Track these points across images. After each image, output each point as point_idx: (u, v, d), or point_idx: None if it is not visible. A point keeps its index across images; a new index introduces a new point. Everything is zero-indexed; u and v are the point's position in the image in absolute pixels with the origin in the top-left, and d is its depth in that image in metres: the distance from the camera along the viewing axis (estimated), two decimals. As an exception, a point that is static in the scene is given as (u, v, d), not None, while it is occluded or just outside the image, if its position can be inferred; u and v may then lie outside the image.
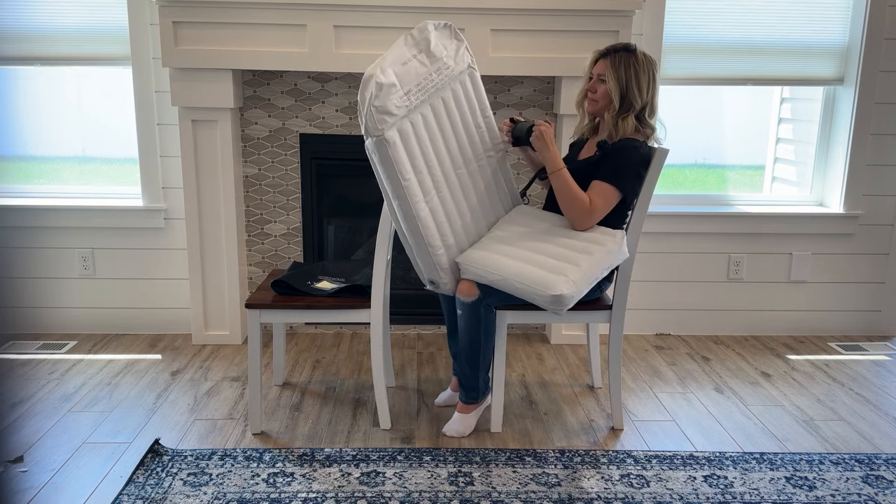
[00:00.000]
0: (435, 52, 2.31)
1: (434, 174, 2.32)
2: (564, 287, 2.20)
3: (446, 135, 2.37)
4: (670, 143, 2.57)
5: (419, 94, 2.25)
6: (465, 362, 2.46)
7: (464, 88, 2.43)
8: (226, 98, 3.08)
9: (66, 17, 3.16)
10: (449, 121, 2.38)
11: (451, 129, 2.39)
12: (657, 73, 2.42)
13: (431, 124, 2.32)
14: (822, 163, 3.55)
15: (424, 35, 2.30)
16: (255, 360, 2.46)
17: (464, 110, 2.43)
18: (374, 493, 2.16)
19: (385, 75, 2.14)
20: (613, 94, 2.39)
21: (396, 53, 2.22)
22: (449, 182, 2.37)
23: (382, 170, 2.22)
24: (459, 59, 2.40)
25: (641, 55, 2.39)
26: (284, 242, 3.43)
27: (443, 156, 2.36)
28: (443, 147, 2.36)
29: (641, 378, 3.06)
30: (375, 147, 2.18)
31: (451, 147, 2.39)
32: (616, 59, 2.38)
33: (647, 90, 2.39)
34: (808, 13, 3.32)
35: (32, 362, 3.10)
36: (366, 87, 2.12)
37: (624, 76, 2.37)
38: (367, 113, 2.13)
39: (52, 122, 3.42)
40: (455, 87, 2.39)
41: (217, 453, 2.37)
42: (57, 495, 2.15)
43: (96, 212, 3.34)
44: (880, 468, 2.36)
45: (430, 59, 2.29)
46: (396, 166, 2.19)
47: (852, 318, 3.61)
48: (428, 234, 2.31)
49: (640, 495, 2.18)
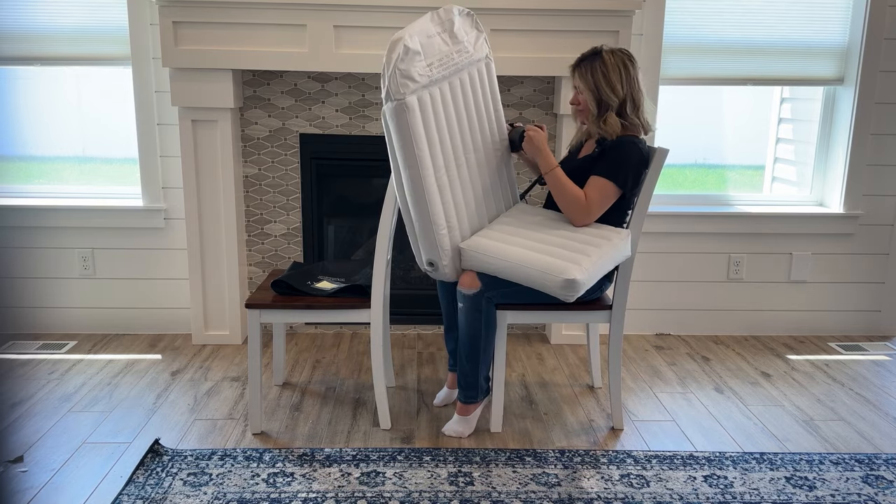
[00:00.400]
0: (458, 35, 2.36)
1: (445, 152, 2.33)
2: (577, 272, 2.20)
3: (460, 116, 2.40)
4: (670, 143, 2.57)
5: (441, 69, 2.28)
6: (465, 359, 2.45)
7: (479, 76, 2.48)
8: (226, 98, 3.08)
9: (66, 17, 3.16)
10: (464, 103, 2.41)
11: (464, 111, 2.41)
12: (633, 65, 2.42)
13: (448, 101, 2.34)
14: (822, 163, 3.55)
15: (449, 16, 2.34)
16: (255, 360, 2.46)
17: (478, 97, 2.47)
18: (374, 493, 2.16)
19: (412, 41, 2.17)
20: (589, 102, 2.44)
21: (422, 26, 2.25)
22: (458, 164, 2.39)
23: (398, 137, 2.21)
24: (478, 47, 2.45)
25: (608, 54, 2.41)
26: (284, 242, 3.43)
27: (455, 136, 2.38)
28: (456, 127, 2.38)
29: (641, 378, 3.06)
30: (394, 112, 2.18)
31: (464, 129, 2.41)
32: (583, 68, 2.43)
33: (622, 85, 2.40)
34: (808, 13, 3.32)
35: (32, 362, 3.10)
36: (393, 49, 2.13)
37: (592, 81, 2.41)
38: (391, 74, 2.14)
39: (52, 122, 3.42)
40: (472, 71, 2.43)
41: (217, 453, 2.37)
42: (57, 495, 2.15)
43: (96, 212, 3.34)
44: (880, 468, 2.36)
45: (452, 40, 2.34)
46: (412, 135, 2.20)
47: (852, 318, 3.61)
48: (433, 211, 2.29)
49: (640, 495, 2.18)
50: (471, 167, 2.44)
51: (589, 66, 2.42)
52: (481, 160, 2.48)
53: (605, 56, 2.41)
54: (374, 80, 3.26)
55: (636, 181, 2.40)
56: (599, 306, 2.52)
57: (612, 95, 2.40)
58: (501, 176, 2.59)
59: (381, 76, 2.18)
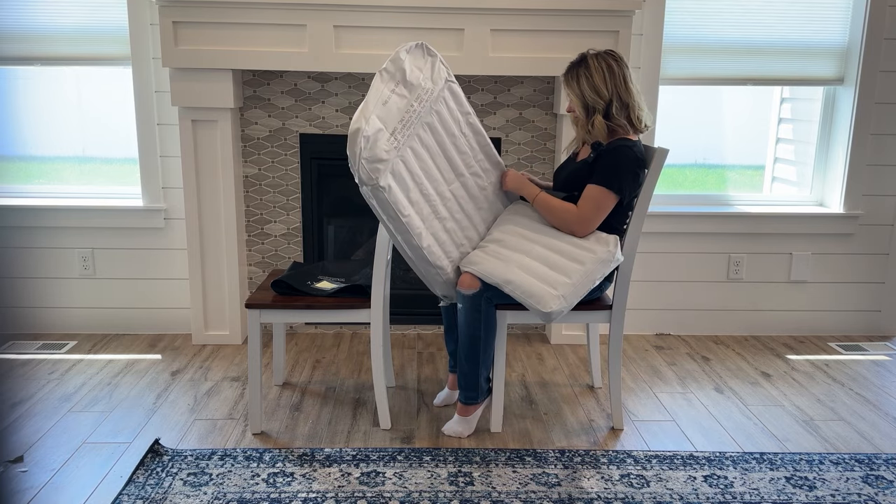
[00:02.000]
0: (412, 80, 2.30)
1: (430, 200, 2.37)
2: (554, 303, 2.28)
3: (436, 158, 2.40)
4: (670, 143, 2.57)
5: (405, 130, 2.27)
6: (464, 360, 2.46)
7: (447, 106, 2.43)
8: (226, 98, 3.08)
9: (66, 17, 3.16)
10: (437, 143, 2.40)
11: (439, 150, 2.41)
12: (619, 65, 2.41)
13: (421, 153, 2.35)
14: (822, 163, 3.55)
15: (398, 65, 2.28)
16: (255, 360, 2.46)
17: (449, 128, 2.44)
18: (374, 493, 2.16)
19: (369, 124, 2.16)
20: (577, 108, 2.46)
21: (375, 94, 2.22)
22: (444, 200, 2.42)
23: (382, 212, 2.27)
24: (436, 76, 2.39)
25: (592, 59, 2.41)
26: (284, 242, 3.43)
27: (436, 179, 2.40)
28: (434, 171, 2.39)
29: (641, 378, 3.06)
30: (372, 194, 2.21)
31: (442, 167, 2.43)
32: (569, 77, 2.45)
33: (607, 87, 2.39)
34: (807, 13, 3.32)
35: (32, 362, 3.10)
36: (354, 142, 2.14)
37: (578, 88, 2.42)
38: (358, 166, 2.15)
39: (52, 122, 3.41)
40: (438, 108, 2.39)
41: (217, 453, 2.37)
42: (57, 495, 2.15)
43: (96, 212, 3.34)
44: (880, 468, 2.36)
45: (408, 89, 2.29)
46: (396, 207, 2.24)
47: (852, 318, 3.61)
48: (434, 259, 2.37)
49: (640, 495, 2.18)
50: (458, 194, 2.47)
51: (574, 76, 2.43)
52: (467, 181, 2.50)
53: (589, 61, 2.42)
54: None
55: (634, 184, 2.40)
56: (599, 306, 2.52)
57: (598, 98, 2.40)
58: (491, 178, 2.58)
59: (350, 166, 2.17)
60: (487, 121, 3.31)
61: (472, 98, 3.28)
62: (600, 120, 2.41)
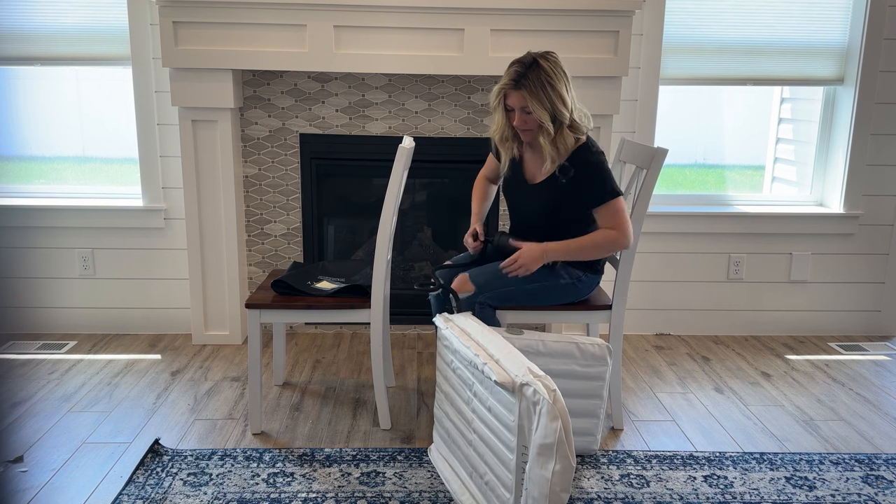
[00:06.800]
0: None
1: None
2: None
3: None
4: (670, 143, 2.57)
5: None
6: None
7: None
8: (226, 98, 3.08)
9: (66, 17, 3.16)
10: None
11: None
12: (563, 66, 2.27)
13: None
14: (822, 163, 3.55)
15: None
16: (255, 360, 2.46)
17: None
18: (374, 493, 2.16)
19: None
20: (545, 121, 2.25)
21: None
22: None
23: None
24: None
25: (544, 62, 2.24)
26: (284, 242, 3.42)
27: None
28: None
29: (641, 378, 3.06)
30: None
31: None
32: (529, 86, 2.22)
33: (567, 93, 2.26)
34: (807, 13, 3.32)
35: (32, 362, 3.10)
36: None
37: (545, 98, 2.23)
38: None
39: (52, 122, 3.42)
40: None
41: (217, 453, 2.37)
42: (57, 495, 2.15)
43: (96, 212, 3.34)
44: (880, 468, 2.36)
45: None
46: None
47: (852, 318, 3.61)
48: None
49: (640, 495, 2.18)
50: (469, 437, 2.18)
51: (537, 84, 2.21)
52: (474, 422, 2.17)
53: (544, 65, 2.23)
54: (373, 80, 3.26)
55: (613, 176, 2.37)
56: (599, 306, 2.51)
57: (564, 108, 2.24)
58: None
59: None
60: (487, 121, 3.30)
61: (472, 98, 3.28)
62: (567, 132, 2.27)
